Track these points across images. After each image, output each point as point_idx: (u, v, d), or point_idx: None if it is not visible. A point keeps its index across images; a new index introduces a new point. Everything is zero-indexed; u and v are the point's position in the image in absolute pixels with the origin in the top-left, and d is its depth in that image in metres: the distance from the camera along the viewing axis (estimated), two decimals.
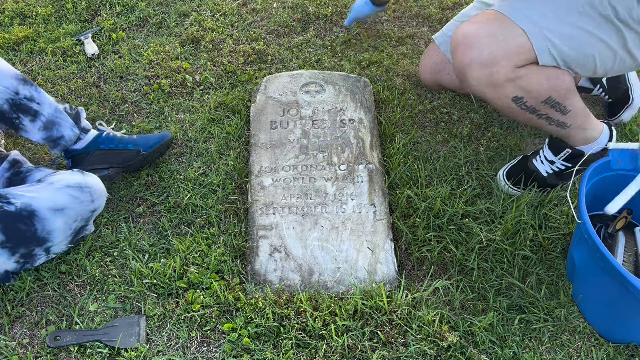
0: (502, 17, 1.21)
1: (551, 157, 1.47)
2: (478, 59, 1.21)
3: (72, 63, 1.91)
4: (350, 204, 1.45)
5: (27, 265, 1.31)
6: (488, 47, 1.20)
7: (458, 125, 1.70)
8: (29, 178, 1.38)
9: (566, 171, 1.47)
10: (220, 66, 1.90)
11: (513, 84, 1.24)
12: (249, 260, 1.37)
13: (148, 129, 1.70)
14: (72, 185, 1.32)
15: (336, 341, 1.22)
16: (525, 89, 1.25)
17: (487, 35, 1.20)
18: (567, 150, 1.43)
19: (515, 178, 1.51)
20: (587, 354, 1.24)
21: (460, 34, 1.24)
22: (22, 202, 1.24)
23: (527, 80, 1.23)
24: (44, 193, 1.28)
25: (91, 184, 1.36)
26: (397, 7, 2.14)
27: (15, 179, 1.39)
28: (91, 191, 1.35)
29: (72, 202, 1.30)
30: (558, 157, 1.46)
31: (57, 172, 1.36)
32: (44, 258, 1.33)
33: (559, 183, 1.50)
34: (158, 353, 1.23)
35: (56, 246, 1.33)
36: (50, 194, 1.28)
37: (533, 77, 1.23)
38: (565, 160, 1.45)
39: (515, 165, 1.54)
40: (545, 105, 1.29)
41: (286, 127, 1.62)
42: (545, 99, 1.27)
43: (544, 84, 1.24)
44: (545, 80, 1.24)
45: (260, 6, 2.14)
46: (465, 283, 1.35)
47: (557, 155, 1.46)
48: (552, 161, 1.47)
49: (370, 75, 1.85)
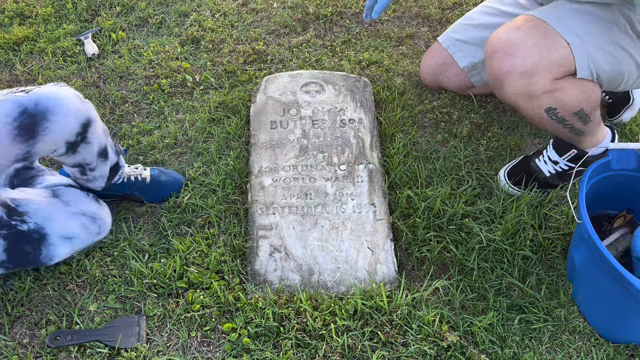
0: (546, 27, 1.18)
1: (555, 157, 1.47)
2: (519, 67, 1.18)
3: (72, 63, 1.91)
4: (350, 204, 1.45)
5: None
6: (531, 56, 1.17)
7: (458, 125, 1.71)
8: (39, 179, 1.33)
9: (569, 171, 1.48)
10: (220, 66, 1.90)
11: (550, 95, 1.22)
12: (249, 260, 1.37)
13: (148, 129, 1.70)
14: (87, 213, 1.28)
15: (336, 341, 1.22)
16: (560, 101, 1.24)
17: (532, 45, 1.17)
18: (573, 151, 1.43)
19: (516, 178, 1.51)
20: (587, 354, 1.24)
21: (502, 39, 1.20)
22: (36, 222, 1.19)
23: (564, 93, 1.23)
24: (58, 216, 1.23)
25: (103, 217, 1.32)
26: (397, 7, 2.14)
27: (24, 174, 1.33)
28: (101, 223, 1.32)
29: (82, 231, 1.27)
30: (562, 158, 1.45)
31: (70, 188, 1.32)
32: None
33: (559, 183, 1.50)
34: (158, 353, 1.23)
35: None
36: (64, 219, 1.24)
37: (570, 90, 1.23)
38: (570, 161, 1.46)
39: (517, 165, 1.54)
40: (574, 116, 1.29)
41: (286, 127, 1.62)
42: (577, 111, 1.27)
43: (580, 96, 1.24)
44: (582, 92, 1.24)
45: (260, 6, 2.14)
46: (465, 283, 1.35)
47: (562, 155, 1.45)
48: (555, 161, 1.47)
49: (370, 75, 1.85)
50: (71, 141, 1.15)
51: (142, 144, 1.65)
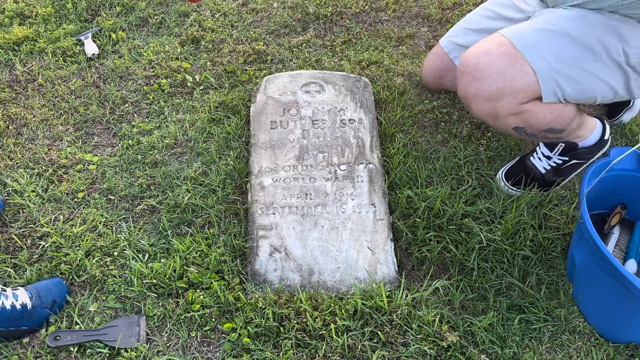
0: (515, 54, 1.20)
1: (547, 152, 1.48)
2: (485, 93, 1.22)
3: (72, 63, 1.91)
4: (350, 204, 1.45)
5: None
6: (495, 83, 1.20)
7: (458, 125, 1.70)
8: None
9: (563, 166, 1.48)
10: (220, 66, 1.90)
11: (516, 117, 1.26)
12: (249, 260, 1.37)
13: (148, 129, 1.70)
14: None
15: (336, 341, 1.22)
16: (527, 122, 1.28)
17: (497, 72, 1.20)
18: (561, 145, 1.45)
19: (515, 178, 1.51)
20: (587, 354, 1.24)
21: (470, 63, 1.23)
22: None
23: (530, 115, 1.26)
24: None
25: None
26: (397, 7, 2.14)
27: None
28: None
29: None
30: (554, 152, 1.47)
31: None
32: None
33: (557, 179, 1.50)
34: (158, 353, 1.23)
35: None
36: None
37: (537, 113, 1.25)
38: (561, 155, 1.46)
39: (514, 166, 1.54)
40: (545, 132, 1.33)
41: (286, 127, 1.62)
42: (546, 129, 1.31)
43: (547, 117, 1.27)
44: (549, 114, 1.27)
45: (260, 6, 2.14)
46: (465, 283, 1.35)
47: (552, 150, 1.47)
48: (548, 157, 1.48)
49: (370, 75, 1.85)
50: None
51: (142, 144, 1.65)
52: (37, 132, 1.70)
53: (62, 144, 1.67)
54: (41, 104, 1.78)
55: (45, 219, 1.46)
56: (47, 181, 1.56)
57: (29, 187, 1.53)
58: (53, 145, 1.67)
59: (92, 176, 1.58)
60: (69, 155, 1.63)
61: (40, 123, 1.72)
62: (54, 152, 1.63)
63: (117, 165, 1.61)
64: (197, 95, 1.81)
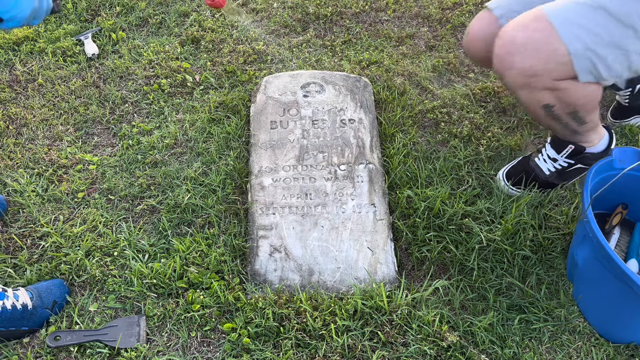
0: (550, 30, 1.19)
1: (554, 154, 1.47)
2: (519, 66, 1.22)
3: (72, 63, 1.91)
4: (350, 204, 1.45)
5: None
6: (530, 60, 1.20)
7: (458, 125, 1.70)
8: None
9: (568, 169, 1.48)
10: (220, 66, 1.90)
11: (550, 93, 1.25)
12: (249, 260, 1.37)
13: (148, 129, 1.70)
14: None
15: (336, 341, 1.22)
16: (560, 99, 1.27)
17: (532, 49, 1.20)
18: (571, 147, 1.44)
19: (515, 178, 1.51)
20: (587, 354, 1.24)
21: (508, 35, 1.23)
22: None
23: (564, 93, 1.25)
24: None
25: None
26: (397, 7, 2.14)
27: None
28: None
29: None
30: (561, 155, 1.46)
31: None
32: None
33: (559, 183, 1.50)
34: (158, 353, 1.23)
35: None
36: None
37: (570, 91, 1.25)
38: (568, 157, 1.46)
39: (515, 166, 1.54)
40: (569, 116, 1.31)
41: (286, 127, 1.62)
42: (572, 111, 1.30)
43: (580, 99, 1.26)
44: (583, 96, 1.26)
45: (260, 6, 2.14)
46: (465, 283, 1.35)
47: (560, 152, 1.46)
48: (554, 159, 1.48)
49: (370, 75, 1.85)
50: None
51: (142, 144, 1.65)
52: (37, 132, 1.70)
53: (62, 144, 1.67)
54: (41, 104, 1.78)
55: (45, 219, 1.46)
56: (47, 181, 1.56)
57: (29, 187, 1.53)
58: (53, 145, 1.67)
59: (92, 176, 1.58)
60: (69, 155, 1.63)
61: (40, 123, 1.72)
62: (54, 152, 1.63)
63: (117, 165, 1.61)
64: (197, 95, 1.80)
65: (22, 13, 0.97)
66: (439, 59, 1.94)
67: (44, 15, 1.04)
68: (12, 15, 0.96)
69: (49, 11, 1.06)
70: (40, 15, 1.03)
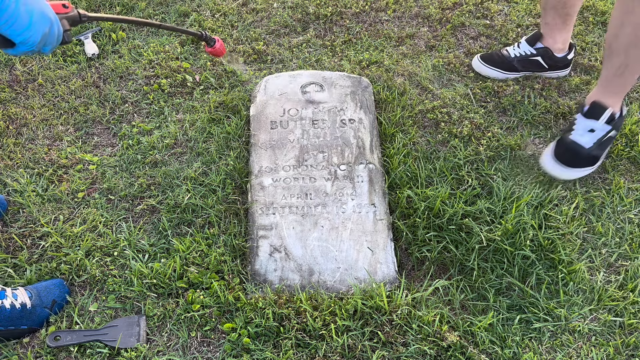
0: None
1: (592, 124, 1.49)
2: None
3: (72, 63, 1.91)
4: (350, 204, 1.45)
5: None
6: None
7: (458, 125, 1.70)
8: None
9: (604, 138, 1.49)
10: (220, 66, 1.90)
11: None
12: (249, 260, 1.37)
13: (148, 129, 1.70)
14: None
15: (336, 341, 1.22)
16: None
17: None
18: (608, 112, 1.47)
19: (563, 158, 1.51)
20: (587, 354, 1.24)
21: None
22: None
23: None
24: None
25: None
26: (397, 7, 2.14)
27: None
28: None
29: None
30: (600, 120, 1.48)
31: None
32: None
33: (601, 154, 1.52)
34: (158, 353, 1.23)
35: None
36: None
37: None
38: (607, 122, 1.48)
39: (558, 146, 1.54)
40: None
41: (286, 127, 1.62)
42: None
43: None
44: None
45: (260, 6, 2.14)
46: (465, 283, 1.35)
47: (599, 118, 1.48)
48: (592, 129, 1.48)
49: (370, 75, 1.85)
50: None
51: (142, 144, 1.65)
52: (37, 132, 1.70)
53: (62, 144, 1.67)
54: (41, 104, 1.78)
55: (45, 218, 1.46)
56: (47, 181, 1.56)
57: (29, 187, 1.53)
58: (53, 145, 1.67)
59: (92, 176, 1.58)
60: (69, 155, 1.63)
61: (40, 123, 1.72)
62: (54, 152, 1.63)
63: (117, 165, 1.61)
64: (197, 95, 1.81)
65: (34, 36, 0.97)
66: (439, 59, 1.94)
67: (55, 44, 1.04)
68: (25, 38, 0.96)
69: (60, 41, 1.06)
70: (51, 42, 1.03)
